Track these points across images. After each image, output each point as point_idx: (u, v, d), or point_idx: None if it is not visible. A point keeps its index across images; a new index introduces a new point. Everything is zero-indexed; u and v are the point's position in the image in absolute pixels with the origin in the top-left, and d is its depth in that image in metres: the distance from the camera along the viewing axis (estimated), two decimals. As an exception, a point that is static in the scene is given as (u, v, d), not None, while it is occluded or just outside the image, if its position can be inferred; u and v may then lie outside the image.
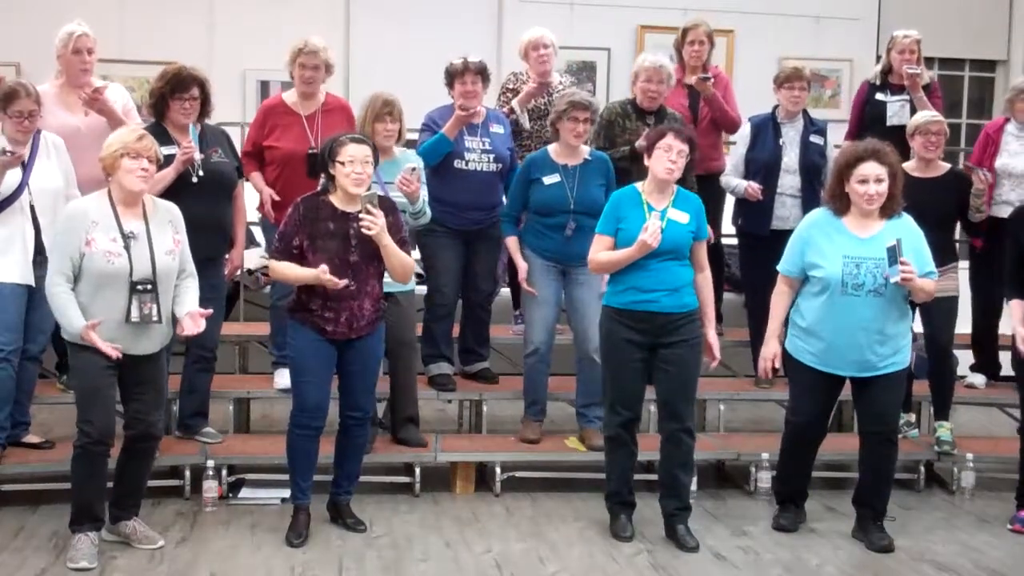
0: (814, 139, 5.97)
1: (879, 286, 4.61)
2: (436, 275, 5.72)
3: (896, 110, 6.23)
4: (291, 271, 4.51)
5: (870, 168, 4.65)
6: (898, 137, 5.63)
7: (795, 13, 9.09)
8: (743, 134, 6.12)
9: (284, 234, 4.54)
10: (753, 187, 5.91)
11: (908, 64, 6.13)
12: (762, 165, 5.97)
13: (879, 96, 6.32)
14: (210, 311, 4.47)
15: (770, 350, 4.87)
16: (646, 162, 4.73)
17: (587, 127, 5.34)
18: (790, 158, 5.96)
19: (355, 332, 4.57)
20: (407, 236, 4.72)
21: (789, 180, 5.94)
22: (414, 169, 5.06)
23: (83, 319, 4.18)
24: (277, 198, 5.53)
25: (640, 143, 5.49)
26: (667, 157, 4.61)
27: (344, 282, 4.42)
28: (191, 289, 4.46)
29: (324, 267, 4.40)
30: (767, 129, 6.03)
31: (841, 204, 4.74)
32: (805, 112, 6.09)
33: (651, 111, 5.78)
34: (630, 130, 5.72)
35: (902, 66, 6.16)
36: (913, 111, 6.10)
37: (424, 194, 5.22)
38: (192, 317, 4.36)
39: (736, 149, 6.15)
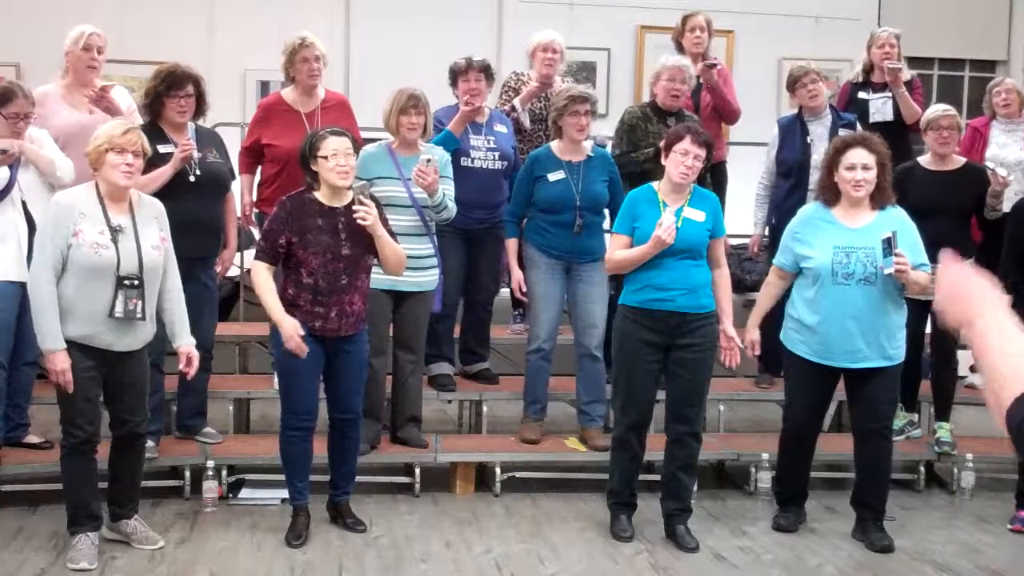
0: (844, 132, 5.87)
1: (869, 275, 4.62)
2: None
3: (878, 107, 6.23)
4: (268, 294, 4.46)
5: (857, 155, 4.68)
6: (881, 135, 5.61)
7: (795, 13, 9.09)
8: (771, 136, 6.13)
9: (269, 233, 4.51)
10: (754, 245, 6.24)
11: (888, 59, 6.13)
12: (792, 165, 5.96)
13: (861, 95, 6.33)
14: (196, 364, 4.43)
15: (749, 337, 4.88)
16: (663, 161, 4.72)
17: (589, 119, 5.33)
18: (819, 155, 5.86)
19: (344, 329, 4.53)
20: (392, 229, 4.67)
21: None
22: (429, 161, 5.03)
23: (61, 338, 4.11)
24: (254, 211, 5.66)
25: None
26: (683, 162, 4.61)
27: (303, 352, 4.38)
28: (180, 304, 4.40)
29: (299, 327, 4.37)
30: (794, 129, 6.02)
31: (831, 195, 4.76)
32: (832, 107, 6.09)
33: (671, 112, 5.76)
34: (652, 132, 5.66)
35: (882, 62, 6.16)
36: (895, 108, 6.12)
37: (450, 190, 5.21)
38: (188, 361, 4.35)
39: (768, 153, 6.14)
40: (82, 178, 4.96)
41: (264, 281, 4.48)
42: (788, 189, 5.98)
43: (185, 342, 4.41)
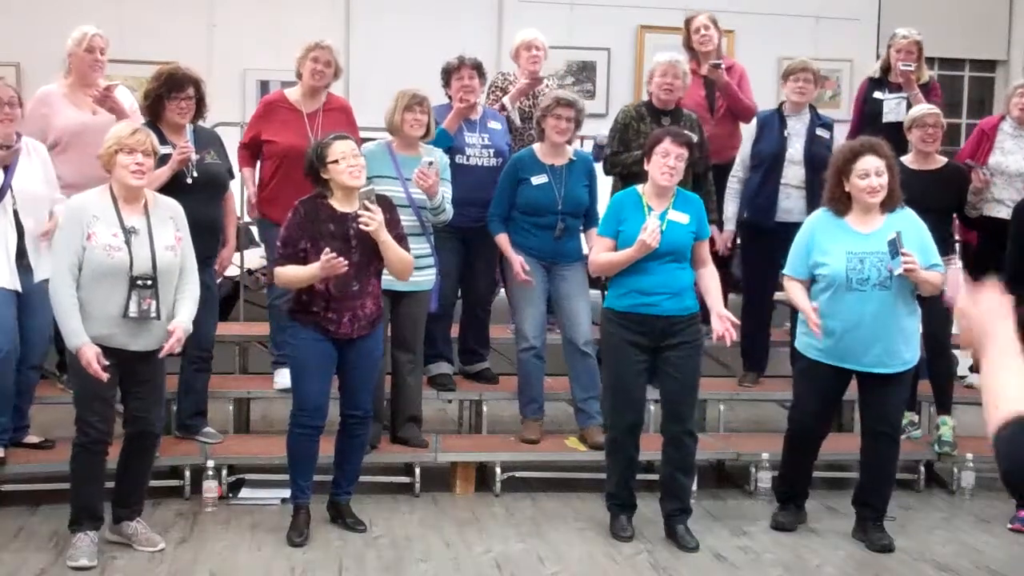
0: (820, 132, 5.95)
1: (884, 279, 4.61)
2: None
3: (892, 107, 6.22)
4: (296, 272, 4.48)
5: (869, 162, 4.66)
6: (893, 135, 5.64)
7: (795, 13, 9.09)
8: (749, 130, 6.13)
9: (288, 239, 4.52)
10: (724, 241, 6.05)
11: (904, 62, 6.14)
12: (767, 156, 5.96)
13: (876, 94, 6.32)
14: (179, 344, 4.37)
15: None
16: (645, 166, 4.73)
17: (570, 125, 5.34)
18: (795, 149, 5.93)
19: (357, 332, 4.58)
20: (404, 232, 4.72)
21: (794, 171, 5.91)
22: (431, 163, 5.05)
23: (85, 335, 4.14)
24: (255, 216, 5.64)
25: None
26: (664, 163, 4.61)
27: (344, 264, 4.38)
28: (189, 299, 4.40)
29: (327, 250, 4.36)
30: (773, 122, 6.03)
31: (842, 205, 4.73)
32: (812, 107, 6.10)
33: (666, 111, 5.75)
34: (644, 133, 5.62)
35: (898, 64, 6.16)
36: (909, 110, 6.12)
37: (448, 193, 5.24)
38: (169, 335, 4.28)
39: (743, 146, 6.14)
40: (86, 176, 4.96)
41: (290, 269, 4.49)
42: (759, 182, 5.96)
43: (179, 320, 4.35)
